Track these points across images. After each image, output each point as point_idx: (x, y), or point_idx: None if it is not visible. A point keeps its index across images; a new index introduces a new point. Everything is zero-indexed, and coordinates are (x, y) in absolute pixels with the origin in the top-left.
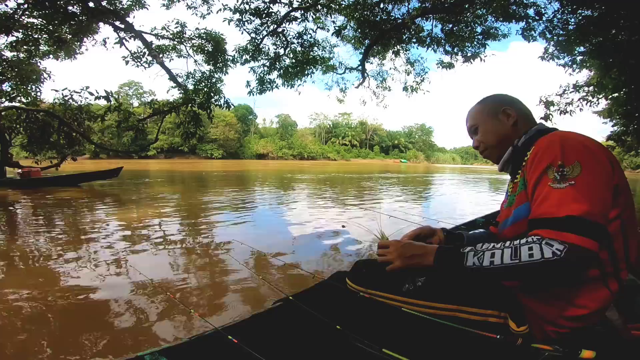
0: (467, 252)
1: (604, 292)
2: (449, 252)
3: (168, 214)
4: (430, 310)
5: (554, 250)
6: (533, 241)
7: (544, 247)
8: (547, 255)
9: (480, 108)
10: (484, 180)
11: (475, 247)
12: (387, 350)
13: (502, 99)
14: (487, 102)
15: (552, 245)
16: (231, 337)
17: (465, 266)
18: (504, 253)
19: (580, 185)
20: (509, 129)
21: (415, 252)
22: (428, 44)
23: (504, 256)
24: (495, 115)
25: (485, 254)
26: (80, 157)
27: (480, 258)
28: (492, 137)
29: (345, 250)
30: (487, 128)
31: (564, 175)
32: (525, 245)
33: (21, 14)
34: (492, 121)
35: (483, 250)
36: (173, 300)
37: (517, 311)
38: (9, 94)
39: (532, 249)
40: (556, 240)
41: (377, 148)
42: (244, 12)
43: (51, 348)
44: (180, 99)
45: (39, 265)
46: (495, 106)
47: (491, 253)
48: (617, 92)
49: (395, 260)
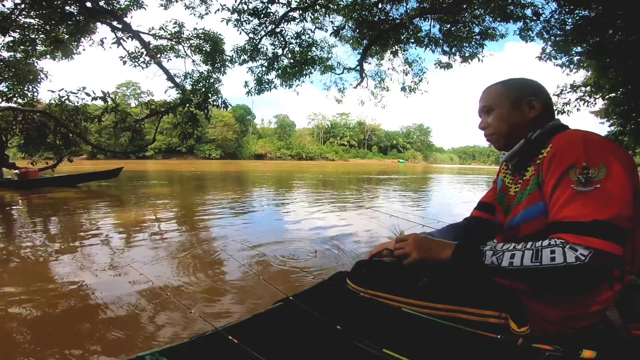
0: (486, 250)
1: (609, 293)
2: (468, 249)
3: (167, 214)
4: (431, 310)
5: (577, 255)
6: (556, 244)
7: (567, 251)
8: (569, 260)
9: (503, 90)
10: (483, 180)
11: (495, 246)
12: (387, 351)
13: (530, 86)
14: (512, 86)
15: (577, 250)
16: (231, 337)
17: (484, 264)
18: (525, 255)
19: (606, 188)
20: (528, 121)
21: (433, 246)
22: (426, 44)
23: (524, 258)
24: (518, 103)
25: (504, 254)
26: (78, 158)
27: (499, 258)
28: (505, 125)
29: (346, 250)
30: (503, 114)
31: (589, 178)
32: (547, 249)
33: (18, 14)
34: (511, 108)
35: (503, 251)
36: (173, 300)
37: (518, 312)
38: (6, 95)
39: (555, 253)
40: (581, 245)
41: (376, 148)
42: (242, 12)
43: (50, 349)
44: (178, 99)
45: (37, 265)
46: (521, 93)
47: (511, 254)
48: (614, 92)
49: (412, 252)
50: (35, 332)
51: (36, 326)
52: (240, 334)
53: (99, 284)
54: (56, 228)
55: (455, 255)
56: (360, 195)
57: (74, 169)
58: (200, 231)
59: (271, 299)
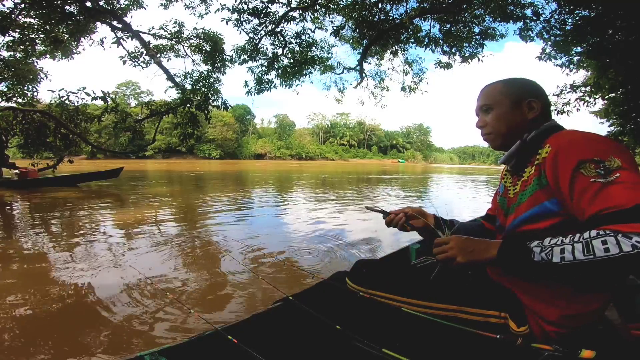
0: (534, 247)
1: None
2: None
3: (167, 214)
4: (430, 310)
5: (633, 242)
6: (606, 234)
7: (622, 240)
8: (625, 249)
9: (503, 90)
10: (483, 180)
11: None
12: (387, 350)
13: (530, 87)
14: (513, 86)
15: (631, 237)
16: (231, 337)
17: (533, 262)
18: (575, 248)
19: (628, 175)
20: (526, 122)
21: (477, 247)
22: (426, 44)
23: (575, 251)
24: (518, 104)
25: (554, 249)
26: (78, 158)
27: (549, 253)
28: (504, 125)
29: (345, 250)
30: (502, 114)
31: (607, 169)
32: (598, 239)
33: (18, 14)
34: (511, 108)
35: (551, 246)
36: (173, 300)
37: (518, 311)
38: (6, 94)
39: (607, 243)
40: (635, 232)
41: (375, 148)
42: (242, 12)
43: (50, 348)
44: (178, 100)
45: (37, 265)
46: (521, 93)
47: (560, 248)
48: (614, 93)
49: (457, 255)
50: (35, 331)
51: (36, 326)
52: (239, 333)
53: (99, 284)
54: (56, 228)
55: (502, 254)
56: (360, 195)
57: (74, 169)
58: (200, 231)
59: (271, 299)
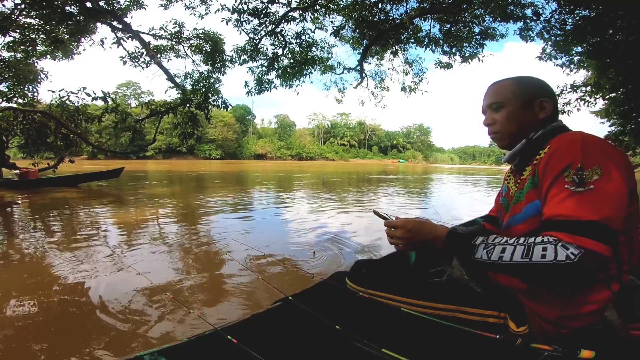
0: (479, 244)
1: (606, 293)
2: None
3: (167, 215)
4: (430, 310)
5: (568, 253)
6: (549, 242)
7: (559, 249)
8: (560, 258)
9: (515, 88)
10: (483, 180)
11: (487, 239)
12: (386, 350)
13: (542, 86)
14: (525, 85)
15: (568, 248)
16: (230, 337)
17: (474, 258)
18: (516, 250)
19: (599, 189)
20: (536, 122)
21: (424, 238)
22: (426, 44)
23: (515, 253)
24: (530, 103)
25: (495, 247)
26: (78, 158)
27: (490, 252)
28: (515, 124)
29: (345, 250)
30: (513, 112)
31: (582, 179)
32: (540, 245)
33: (18, 14)
34: (522, 108)
35: (494, 244)
36: (172, 300)
37: (517, 311)
38: (6, 95)
39: (546, 250)
40: (573, 244)
41: (376, 148)
42: (242, 12)
43: (50, 349)
44: (178, 100)
45: (37, 266)
46: (533, 93)
47: (502, 248)
48: (615, 92)
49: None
50: (35, 331)
51: (36, 325)
52: (239, 333)
53: (99, 284)
54: (56, 228)
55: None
56: (361, 196)
57: (75, 169)
58: (201, 231)
59: (270, 299)
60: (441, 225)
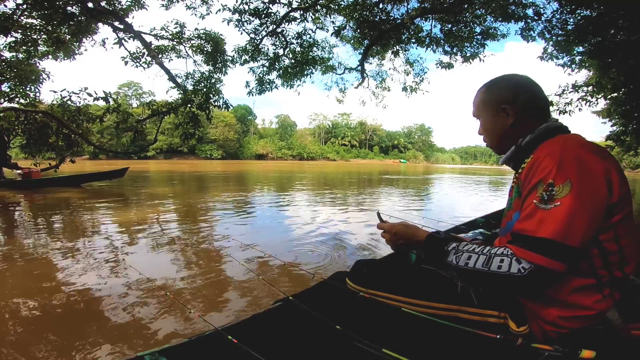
0: (450, 249)
1: (599, 296)
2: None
3: (168, 214)
4: (430, 310)
5: (520, 267)
6: (506, 254)
7: (514, 262)
8: (512, 271)
9: (482, 98)
10: (484, 180)
11: (458, 245)
12: (387, 350)
13: (504, 91)
14: (491, 92)
15: (521, 262)
16: (231, 337)
17: (445, 262)
18: (479, 259)
19: (564, 207)
20: (508, 128)
21: (407, 240)
22: (427, 44)
23: (478, 261)
24: (496, 111)
25: (463, 255)
26: (80, 158)
27: (459, 258)
28: (493, 134)
29: (345, 250)
30: (487, 123)
31: (551, 195)
32: (498, 257)
33: (20, 15)
34: (491, 117)
35: (463, 251)
36: (173, 300)
37: (517, 311)
38: (8, 95)
39: (503, 262)
40: (525, 259)
41: (377, 148)
42: (243, 13)
43: (50, 348)
44: (179, 100)
45: (39, 265)
46: (495, 100)
47: (468, 255)
48: (616, 92)
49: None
50: (35, 331)
51: (36, 325)
52: (239, 333)
53: (99, 284)
54: (59, 228)
55: (424, 248)
56: (361, 196)
57: (76, 169)
58: (201, 231)
59: (271, 299)
60: (424, 229)
